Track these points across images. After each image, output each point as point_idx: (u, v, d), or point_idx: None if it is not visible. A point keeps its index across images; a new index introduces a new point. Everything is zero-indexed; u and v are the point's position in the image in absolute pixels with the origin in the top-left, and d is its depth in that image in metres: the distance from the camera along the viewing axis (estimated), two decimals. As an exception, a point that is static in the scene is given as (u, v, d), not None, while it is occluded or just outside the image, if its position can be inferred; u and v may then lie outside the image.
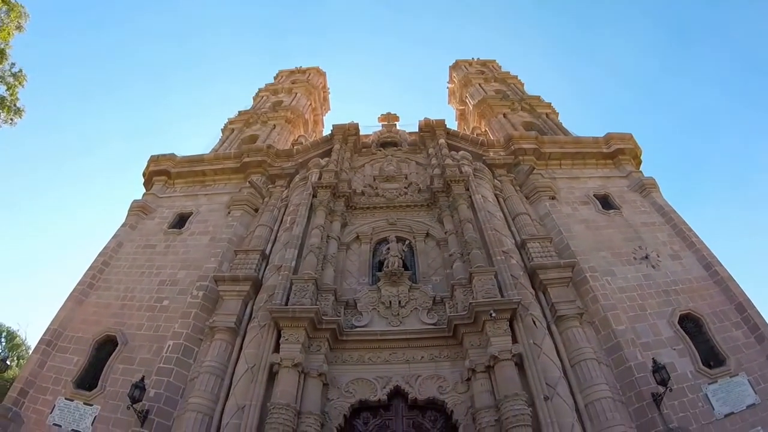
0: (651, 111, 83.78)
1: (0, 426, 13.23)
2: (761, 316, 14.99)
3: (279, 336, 13.61)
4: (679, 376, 13.26)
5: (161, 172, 22.76)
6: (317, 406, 12.59)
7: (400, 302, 15.07)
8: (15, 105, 14.99)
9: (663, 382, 12.29)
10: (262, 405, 12.29)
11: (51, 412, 13.84)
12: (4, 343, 32.46)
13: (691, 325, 14.93)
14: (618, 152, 22.27)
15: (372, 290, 15.65)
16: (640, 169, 22.48)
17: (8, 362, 25.32)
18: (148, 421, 12.90)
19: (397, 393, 13.33)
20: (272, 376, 12.91)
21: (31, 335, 35.13)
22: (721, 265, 16.76)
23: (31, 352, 17.37)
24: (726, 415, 12.75)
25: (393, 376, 13.45)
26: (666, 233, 18.38)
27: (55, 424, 13.59)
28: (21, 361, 29.08)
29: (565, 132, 26.19)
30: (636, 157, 22.72)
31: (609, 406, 12.27)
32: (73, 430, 13.42)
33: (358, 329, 14.54)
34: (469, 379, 13.05)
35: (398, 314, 14.83)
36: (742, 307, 15.29)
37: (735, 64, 70.75)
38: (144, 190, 22.87)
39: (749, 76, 68.33)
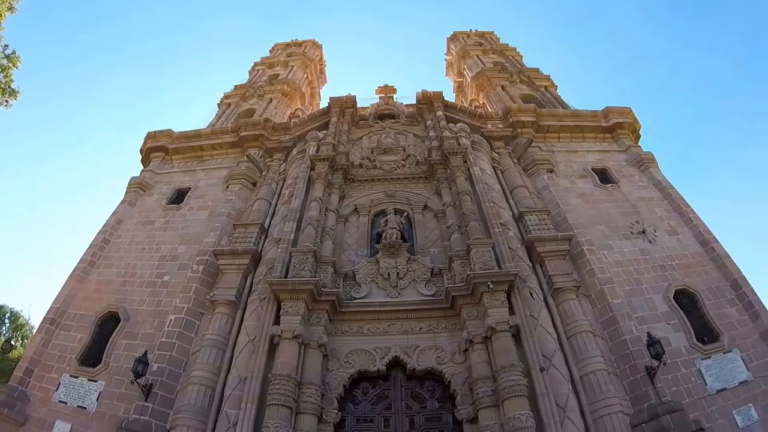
0: (652, 85, 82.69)
1: (7, 405, 13.41)
2: (756, 294, 15.10)
3: (279, 308, 13.71)
4: (674, 351, 13.40)
5: (158, 148, 22.63)
6: (317, 377, 12.78)
7: (398, 274, 15.14)
8: (9, 87, 14.83)
9: (657, 356, 12.42)
10: (264, 376, 12.44)
11: (56, 390, 14.01)
12: (8, 324, 32.61)
13: (686, 300, 15.02)
14: (617, 126, 22.12)
15: (370, 262, 15.70)
16: (639, 143, 22.33)
17: (13, 343, 25.52)
18: (152, 394, 13.05)
19: (395, 363, 13.54)
20: (273, 347, 13.04)
21: (35, 315, 35.30)
22: (718, 241, 16.81)
23: (34, 331, 17.47)
24: (718, 391, 12.93)
25: (392, 346, 13.64)
26: (663, 208, 18.36)
27: (60, 401, 13.77)
28: (25, 341, 29.17)
29: (564, 105, 25.98)
30: (635, 132, 22.56)
31: (604, 379, 12.45)
32: (78, 406, 13.60)
33: (357, 301, 14.65)
34: (466, 350, 13.22)
35: (396, 286, 14.93)
36: (738, 285, 15.37)
37: (740, 36, 69.26)
38: (142, 167, 22.74)
39: (756, 49, 66.92)
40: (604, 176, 19.82)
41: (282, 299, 13.68)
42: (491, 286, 13.26)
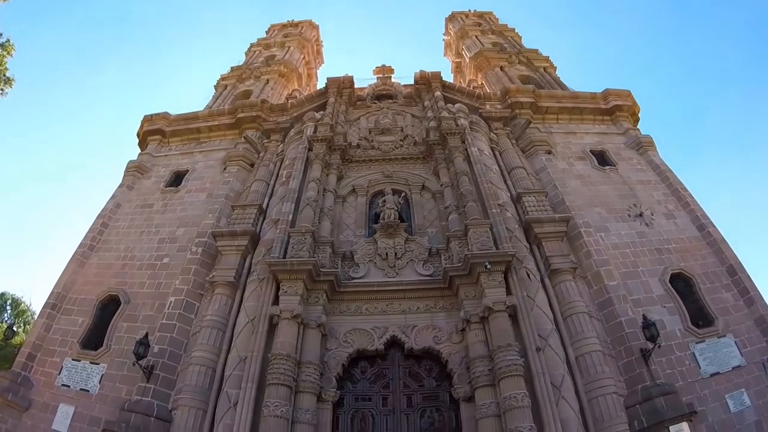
0: (652, 69, 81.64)
1: (11, 391, 13.53)
2: (751, 280, 15.12)
3: (278, 289, 13.76)
4: (668, 334, 13.48)
5: (155, 131, 22.51)
6: (316, 356, 12.90)
7: (396, 254, 15.17)
8: (4, 75, 14.75)
9: (652, 339, 12.48)
10: (263, 356, 12.55)
11: (59, 374, 14.13)
12: (9, 311, 32.76)
13: (681, 284, 15.05)
14: (616, 109, 21.98)
15: (368, 242, 15.72)
16: (638, 126, 22.22)
17: (15, 329, 25.63)
18: (154, 376, 13.15)
19: (393, 343, 13.66)
20: (272, 327, 13.14)
21: (36, 301, 35.43)
22: (715, 226, 16.80)
23: (36, 317, 17.58)
24: (712, 375, 13.02)
25: (390, 326, 13.74)
26: (661, 192, 18.33)
27: (63, 385, 13.89)
28: (27, 326, 29.29)
29: (563, 87, 25.80)
30: (634, 115, 22.42)
31: (599, 360, 12.56)
32: (81, 389, 13.73)
33: (355, 281, 14.71)
34: (463, 330, 13.31)
35: (394, 266, 14.97)
36: (733, 270, 15.39)
37: (746, 19, 67.73)
38: (139, 151, 22.66)
39: (762, 32, 65.61)
40: (602, 158, 19.76)
41: (281, 280, 13.72)
42: (489, 266, 13.31)
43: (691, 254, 15.94)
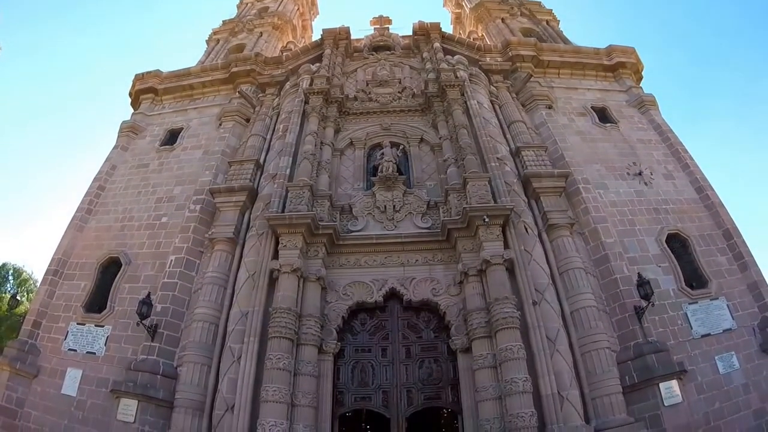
0: (658, 28, 78.88)
1: (19, 359, 13.75)
2: (746, 245, 15.23)
3: (277, 243, 13.77)
4: (662, 293, 13.61)
5: (148, 89, 22.07)
6: (317, 309, 13.01)
7: (394, 207, 15.09)
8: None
9: (646, 297, 12.65)
10: (265, 310, 12.69)
11: (65, 339, 14.31)
12: (12, 281, 33.09)
13: (677, 245, 15.12)
14: (619, 65, 21.51)
15: (367, 195, 15.61)
16: (641, 85, 21.77)
17: (18, 298, 25.94)
18: (158, 334, 13.34)
19: (392, 295, 13.78)
20: (272, 282, 13.21)
21: (37, 270, 35.67)
22: (713, 189, 16.76)
23: (39, 285, 17.71)
24: (703, 336, 13.23)
25: (388, 278, 13.83)
26: (661, 152, 18.16)
27: (70, 349, 14.10)
28: (30, 295, 29.60)
29: (566, 41, 25.14)
30: (637, 72, 21.94)
31: (593, 315, 12.71)
32: (88, 352, 13.93)
33: (354, 234, 14.69)
34: (461, 282, 13.42)
35: (393, 218, 14.92)
36: (729, 234, 15.45)
37: None
38: (132, 110, 22.27)
39: None
40: (603, 115, 19.49)
41: (280, 234, 13.69)
42: (487, 219, 13.30)
43: (688, 216, 15.95)
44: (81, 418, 12.75)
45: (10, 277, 33.03)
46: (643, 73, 22.19)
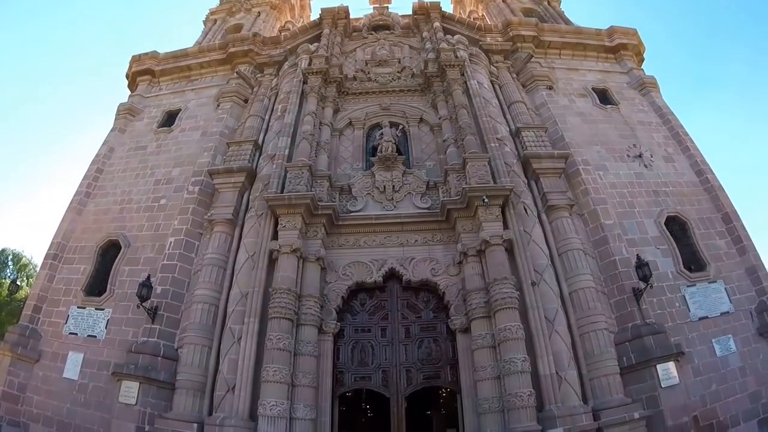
0: (661, 11, 77.90)
1: (20, 344, 13.80)
2: (745, 229, 15.27)
3: (276, 224, 13.75)
4: (661, 275, 13.66)
5: (145, 71, 21.83)
6: (316, 289, 13.04)
7: (394, 187, 15.04)
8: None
9: (645, 279, 12.65)
10: (264, 291, 12.71)
11: (66, 323, 14.37)
12: (11, 266, 33.17)
13: (676, 227, 15.14)
14: (620, 47, 21.29)
15: (366, 175, 15.53)
16: (642, 67, 21.57)
17: (18, 283, 26.00)
18: (158, 316, 13.37)
19: (391, 275, 13.80)
20: (272, 262, 13.21)
21: (37, 255, 35.73)
22: (713, 173, 16.73)
23: (38, 269, 17.73)
24: (700, 318, 13.32)
25: (388, 258, 13.84)
26: (662, 134, 18.08)
27: (71, 333, 14.16)
28: (30, 280, 29.65)
29: (567, 22, 24.88)
30: (639, 54, 21.72)
31: (592, 296, 12.72)
32: (89, 335, 13.98)
33: (353, 214, 14.65)
34: (460, 263, 13.44)
35: (392, 199, 14.88)
36: (729, 218, 15.46)
37: None
38: (129, 93, 22.05)
39: None
40: (604, 97, 19.35)
41: (279, 214, 13.66)
42: (486, 200, 13.28)
43: (688, 199, 15.94)
44: (83, 402, 12.84)
45: (10, 263, 33.13)
46: (644, 55, 22.02)
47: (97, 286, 14.95)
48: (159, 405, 12.14)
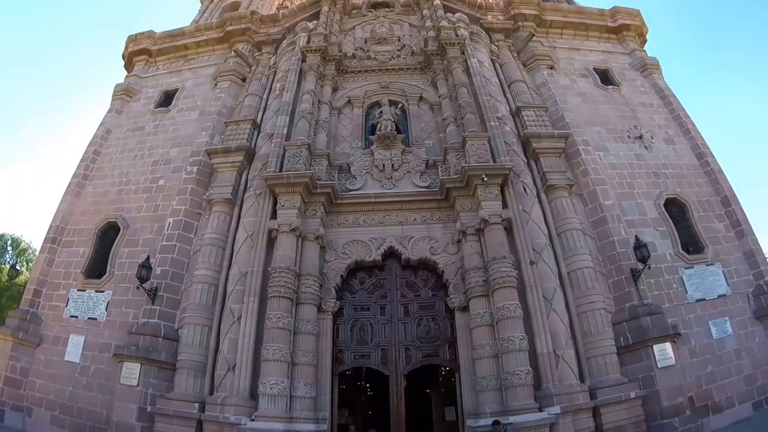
0: None
1: (21, 329, 13.87)
2: (744, 213, 15.35)
3: (275, 203, 13.72)
4: (659, 257, 13.73)
5: (141, 51, 21.58)
6: (316, 268, 13.05)
7: (393, 165, 14.98)
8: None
9: (643, 259, 12.72)
10: (264, 270, 12.72)
11: (66, 306, 14.44)
12: (11, 251, 33.20)
13: (675, 209, 15.18)
14: (623, 27, 21.05)
15: (365, 154, 15.44)
16: (644, 48, 21.33)
17: (18, 268, 26.00)
18: (158, 297, 13.42)
19: (391, 254, 13.82)
20: (271, 242, 13.21)
21: (36, 239, 35.74)
22: (713, 156, 16.71)
23: (38, 253, 17.72)
24: (697, 300, 13.44)
25: (387, 237, 13.85)
26: (663, 116, 18.02)
27: (72, 316, 14.23)
28: (30, 264, 29.68)
29: (569, 1, 24.56)
30: (641, 35, 21.48)
31: (590, 276, 12.77)
32: (89, 318, 14.05)
33: (352, 192, 14.60)
34: (459, 241, 13.45)
35: (391, 177, 14.83)
36: (728, 201, 15.51)
37: None
38: (126, 73, 21.83)
39: None
40: (605, 77, 19.23)
41: (278, 193, 13.62)
42: (486, 179, 13.23)
43: (687, 181, 15.94)
44: (85, 384, 12.96)
45: (9, 248, 33.19)
46: (647, 36, 21.77)
47: (96, 269, 14.96)
48: (160, 386, 12.26)
